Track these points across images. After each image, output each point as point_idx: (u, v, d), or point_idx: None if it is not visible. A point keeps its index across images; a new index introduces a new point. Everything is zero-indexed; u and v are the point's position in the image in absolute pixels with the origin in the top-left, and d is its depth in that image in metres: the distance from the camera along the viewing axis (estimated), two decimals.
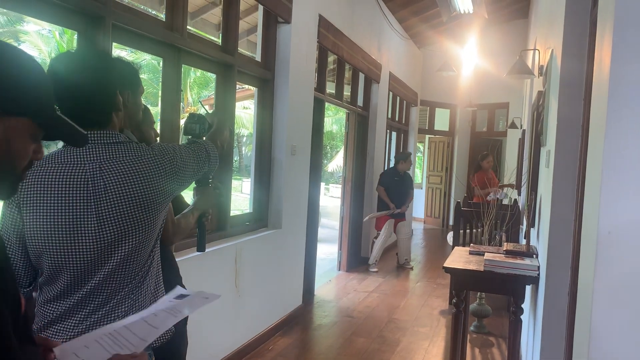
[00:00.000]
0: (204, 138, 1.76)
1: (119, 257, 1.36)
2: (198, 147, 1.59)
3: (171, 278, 1.84)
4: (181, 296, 1.28)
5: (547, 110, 3.00)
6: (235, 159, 20.14)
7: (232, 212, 3.88)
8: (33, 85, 0.93)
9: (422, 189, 11.75)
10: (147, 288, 1.43)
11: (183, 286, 2.06)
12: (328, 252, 7.74)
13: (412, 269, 6.95)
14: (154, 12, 3.83)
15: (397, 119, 8.88)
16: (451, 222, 9.11)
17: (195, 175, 1.57)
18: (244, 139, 19.78)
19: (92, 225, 1.33)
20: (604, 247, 1.18)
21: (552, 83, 2.81)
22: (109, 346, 1.10)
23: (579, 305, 1.39)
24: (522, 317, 4.07)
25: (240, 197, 12.65)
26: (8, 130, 0.88)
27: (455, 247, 3.59)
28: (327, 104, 5.71)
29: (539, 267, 2.81)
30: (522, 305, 3.30)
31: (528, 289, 3.49)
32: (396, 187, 6.77)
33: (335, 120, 19.59)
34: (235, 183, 16.70)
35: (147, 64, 11.88)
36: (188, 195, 2.25)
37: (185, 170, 1.49)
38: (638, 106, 1.16)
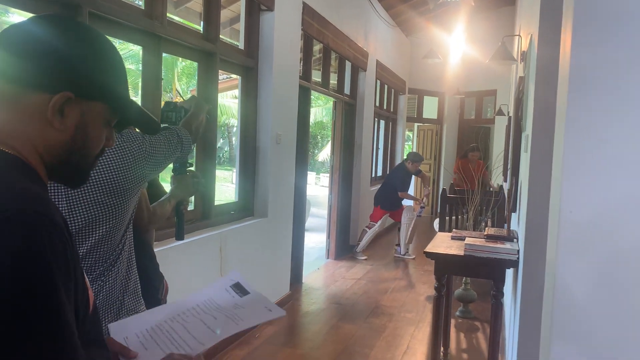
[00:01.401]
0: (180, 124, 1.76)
1: (90, 243, 1.37)
2: (169, 132, 1.60)
3: (146, 263, 1.86)
4: (239, 288, 1.20)
5: (527, 95, 3.02)
6: (226, 149, 20.06)
7: (218, 202, 3.89)
8: (109, 68, 0.89)
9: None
10: (117, 271, 1.44)
11: (161, 274, 2.07)
12: (318, 241, 7.77)
13: (414, 259, 6.86)
14: (135, 1, 3.80)
15: (385, 107, 8.89)
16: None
17: (167, 159, 1.58)
18: (234, 129, 19.71)
19: (62, 212, 1.34)
20: (565, 225, 1.20)
21: (531, 68, 2.83)
22: (165, 346, 1.06)
23: (546, 280, 1.42)
24: (504, 300, 4.12)
25: (231, 187, 12.63)
26: (84, 116, 0.85)
27: (438, 233, 3.63)
28: (316, 94, 5.71)
29: (519, 251, 2.85)
30: (505, 290, 3.34)
31: (510, 273, 3.54)
32: (408, 184, 6.99)
33: (326, 109, 19.57)
34: (225, 174, 16.66)
35: (133, 54, 11.76)
36: (168, 185, 2.26)
37: (156, 155, 1.50)
38: (596, 89, 1.18)
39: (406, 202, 7.15)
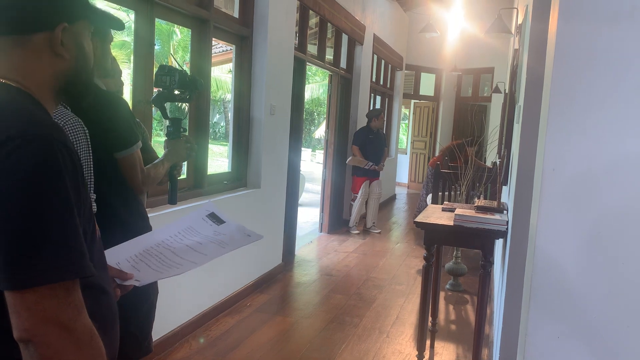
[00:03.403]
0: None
1: None
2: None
3: (140, 224, 1.87)
4: (215, 218, 1.26)
5: (521, 67, 3.02)
6: (222, 124, 19.98)
7: (211, 172, 3.89)
8: None
9: (406, 154, 11.80)
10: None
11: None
12: (313, 215, 7.79)
13: (379, 233, 6.89)
14: None
15: (381, 83, 8.84)
16: None
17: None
18: (230, 104, 19.57)
19: None
20: (548, 182, 1.22)
21: (525, 40, 2.82)
22: (156, 267, 1.11)
23: (529, 242, 1.44)
24: (494, 274, 4.17)
25: (226, 162, 12.58)
26: (78, 36, 0.95)
27: (430, 205, 3.65)
28: (313, 69, 5.66)
29: (508, 222, 2.87)
30: (495, 263, 3.37)
31: (499, 244, 3.57)
32: (371, 145, 6.72)
33: (323, 86, 19.43)
34: (221, 149, 16.60)
35: (128, 26, 11.59)
36: (160, 151, 2.27)
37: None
38: (580, 55, 1.19)
39: (381, 176, 7.04)
